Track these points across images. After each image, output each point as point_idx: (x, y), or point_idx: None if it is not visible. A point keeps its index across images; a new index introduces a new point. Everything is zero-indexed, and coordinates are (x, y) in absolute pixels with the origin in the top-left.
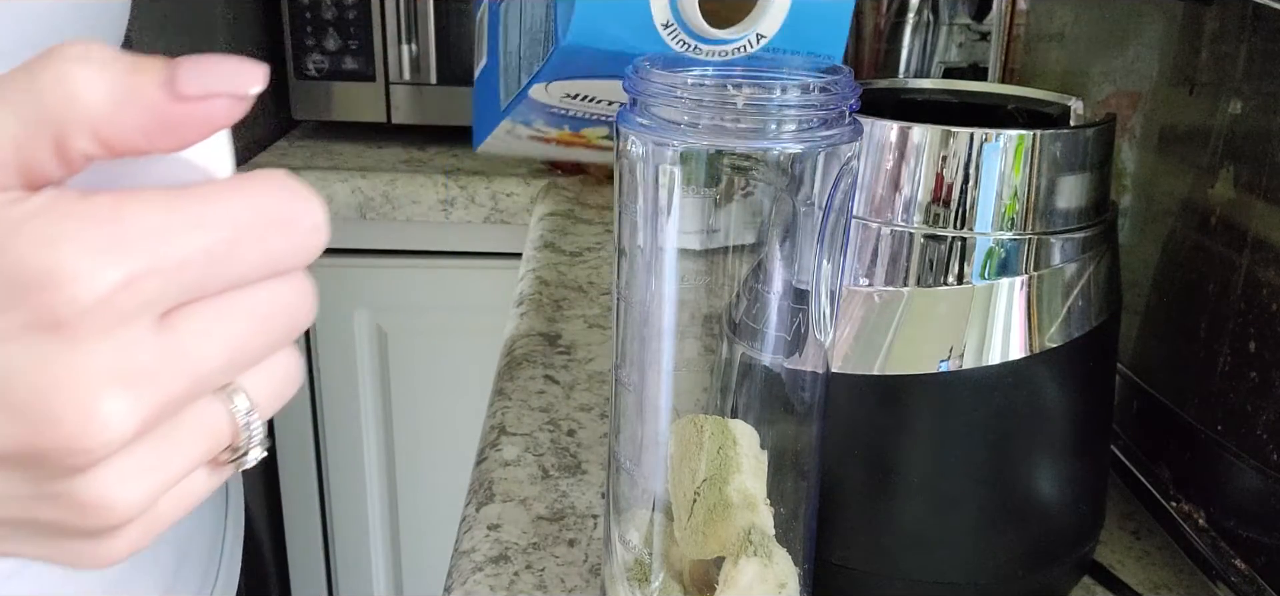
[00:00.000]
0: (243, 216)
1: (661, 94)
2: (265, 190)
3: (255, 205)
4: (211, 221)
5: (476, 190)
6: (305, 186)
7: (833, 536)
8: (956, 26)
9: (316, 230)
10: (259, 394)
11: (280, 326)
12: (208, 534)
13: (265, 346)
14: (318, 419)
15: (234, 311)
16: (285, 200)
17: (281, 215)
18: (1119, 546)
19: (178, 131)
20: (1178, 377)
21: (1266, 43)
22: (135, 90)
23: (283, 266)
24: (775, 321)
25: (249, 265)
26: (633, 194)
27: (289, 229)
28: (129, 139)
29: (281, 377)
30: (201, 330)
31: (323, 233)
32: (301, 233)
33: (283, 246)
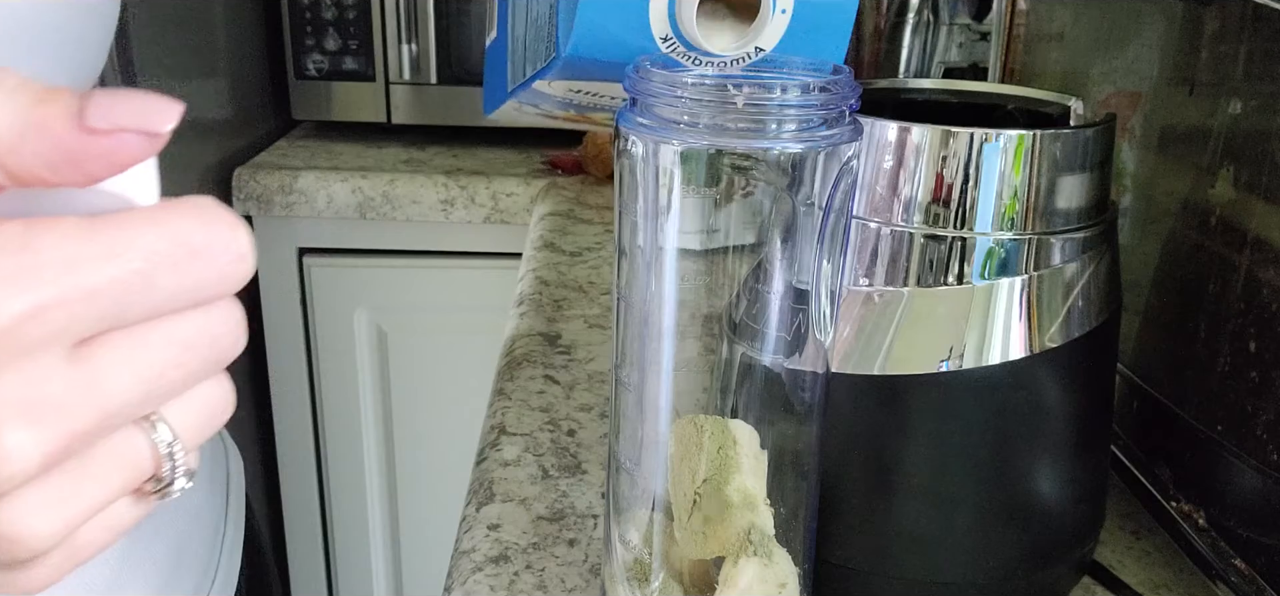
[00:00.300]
0: (159, 246)
1: (661, 94)
2: (185, 219)
3: (174, 234)
4: (125, 251)
5: (476, 190)
6: (230, 214)
7: (833, 536)
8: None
9: (241, 259)
10: (183, 424)
11: (203, 357)
12: (206, 533)
13: (187, 377)
14: (318, 419)
15: (151, 342)
16: (207, 229)
17: (202, 244)
18: (1119, 546)
19: (84, 166)
20: (1178, 377)
21: (1266, 43)
22: (41, 122)
23: (205, 296)
24: (775, 321)
25: (166, 295)
26: (633, 194)
27: (211, 258)
28: (32, 170)
29: (209, 408)
30: (115, 361)
31: (248, 262)
32: (224, 262)
33: (204, 276)
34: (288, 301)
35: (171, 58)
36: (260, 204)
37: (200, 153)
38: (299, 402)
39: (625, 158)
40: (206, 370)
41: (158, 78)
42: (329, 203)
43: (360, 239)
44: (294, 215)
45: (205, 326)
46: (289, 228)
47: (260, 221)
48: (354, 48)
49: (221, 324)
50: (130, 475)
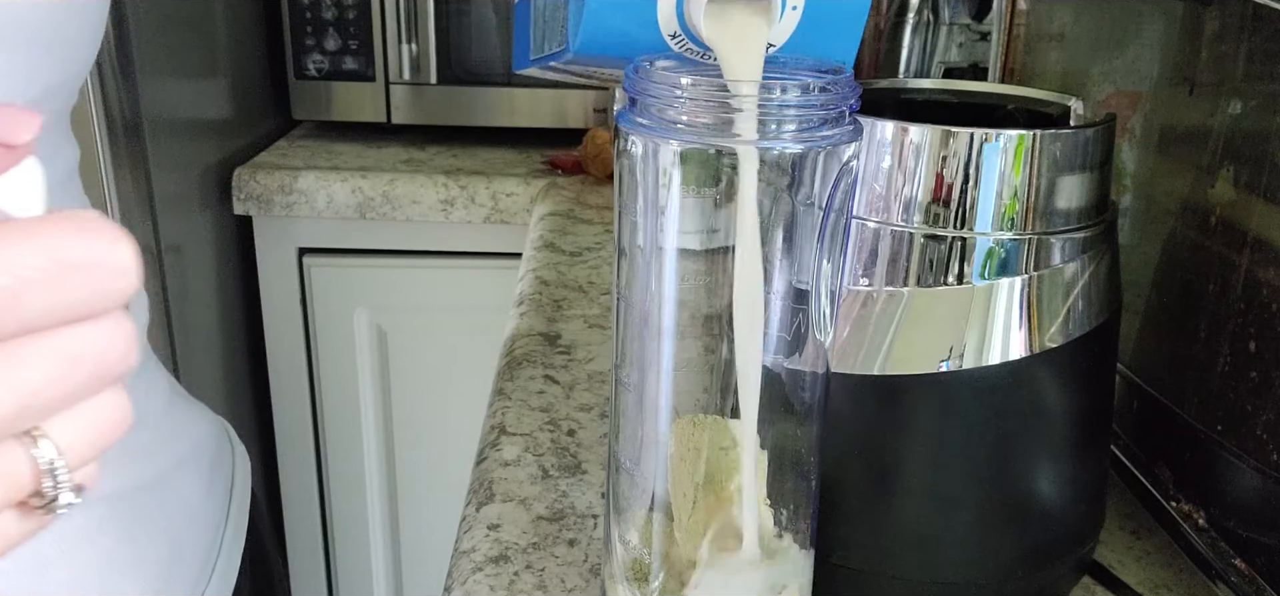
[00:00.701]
0: (29, 260)
1: (661, 94)
2: (60, 233)
3: (46, 249)
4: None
5: (476, 190)
6: (111, 228)
7: (833, 536)
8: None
9: (121, 274)
10: (69, 439)
11: (89, 372)
12: (204, 534)
13: (70, 392)
14: (318, 419)
15: (26, 358)
16: (84, 243)
17: (78, 259)
18: (1119, 546)
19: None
20: (1178, 377)
21: (1266, 43)
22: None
23: (85, 310)
24: (775, 321)
25: (38, 311)
26: (633, 194)
27: (88, 273)
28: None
29: (99, 423)
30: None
31: (130, 275)
32: (103, 277)
33: (81, 292)
34: (288, 301)
35: (171, 57)
36: (260, 204)
37: (200, 153)
38: (299, 403)
39: (625, 158)
40: (93, 385)
41: (158, 77)
42: (329, 203)
43: (360, 239)
44: (294, 215)
45: (90, 341)
46: (289, 228)
47: (260, 221)
48: (354, 48)
49: (107, 339)
50: (7, 489)
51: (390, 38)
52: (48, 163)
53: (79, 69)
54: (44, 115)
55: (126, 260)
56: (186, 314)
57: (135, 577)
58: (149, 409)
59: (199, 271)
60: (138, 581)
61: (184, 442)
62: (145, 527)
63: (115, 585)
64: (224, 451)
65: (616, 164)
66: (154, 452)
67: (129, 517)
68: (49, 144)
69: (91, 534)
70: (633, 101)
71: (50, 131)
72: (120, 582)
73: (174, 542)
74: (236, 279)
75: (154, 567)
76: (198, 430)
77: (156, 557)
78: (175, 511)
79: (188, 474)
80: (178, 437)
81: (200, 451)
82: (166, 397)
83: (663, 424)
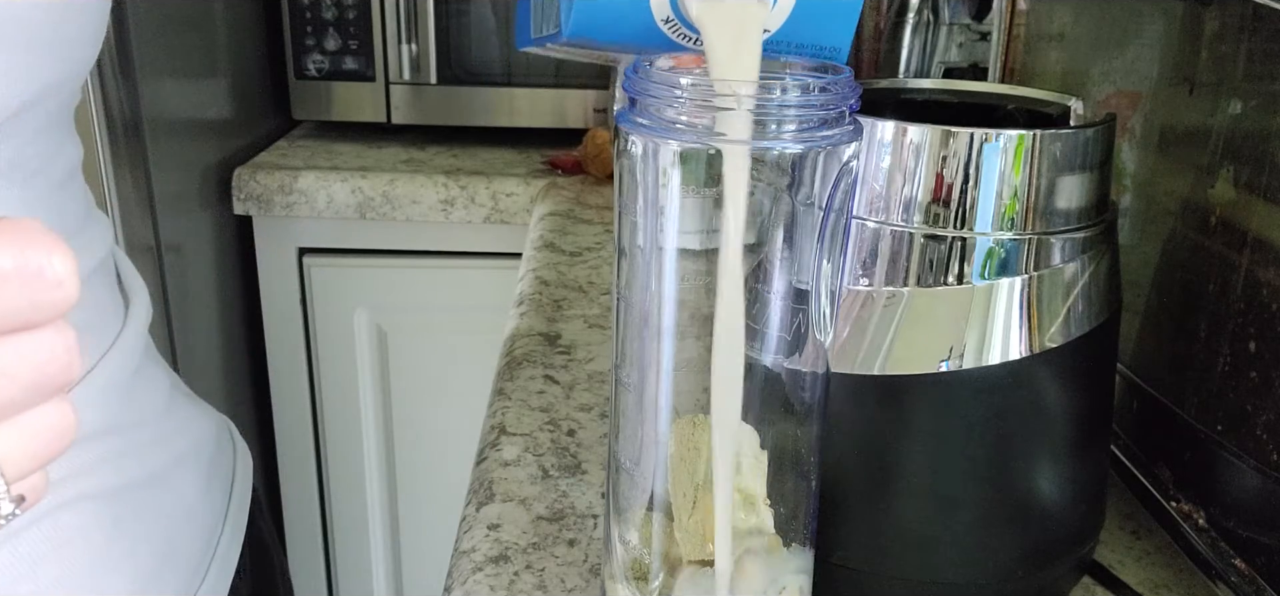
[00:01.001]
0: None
1: (661, 94)
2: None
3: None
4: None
5: (476, 190)
6: (47, 238)
7: (833, 536)
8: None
9: (57, 285)
10: (6, 450)
11: (26, 383)
12: (198, 534)
13: (7, 404)
14: (318, 419)
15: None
16: (17, 254)
17: (11, 270)
18: (1119, 546)
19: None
20: (1178, 377)
21: (1266, 43)
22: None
23: (19, 322)
24: (775, 321)
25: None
26: (633, 194)
27: (21, 285)
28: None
29: (40, 434)
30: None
31: (66, 287)
32: (38, 288)
33: (14, 303)
34: (288, 301)
35: (172, 57)
36: (260, 204)
37: (200, 153)
38: (299, 402)
39: (625, 158)
40: (32, 397)
41: (158, 77)
42: (329, 203)
43: (360, 239)
44: (294, 215)
45: (27, 353)
46: (289, 227)
47: (260, 221)
48: (354, 48)
49: (46, 350)
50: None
51: (390, 38)
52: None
53: (80, 68)
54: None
55: (63, 271)
56: (186, 314)
57: (127, 573)
58: (148, 407)
59: (199, 271)
60: (129, 577)
61: (182, 441)
62: (139, 525)
63: (106, 581)
64: (224, 450)
65: (616, 164)
66: (151, 450)
67: (123, 514)
68: (50, 143)
69: (85, 530)
70: (632, 101)
71: (52, 130)
72: (111, 578)
73: (168, 540)
74: (236, 279)
75: (146, 564)
76: (197, 429)
77: (149, 554)
78: (171, 509)
79: (185, 472)
80: (176, 436)
81: (199, 450)
82: (166, 396)
83: (663, 424)
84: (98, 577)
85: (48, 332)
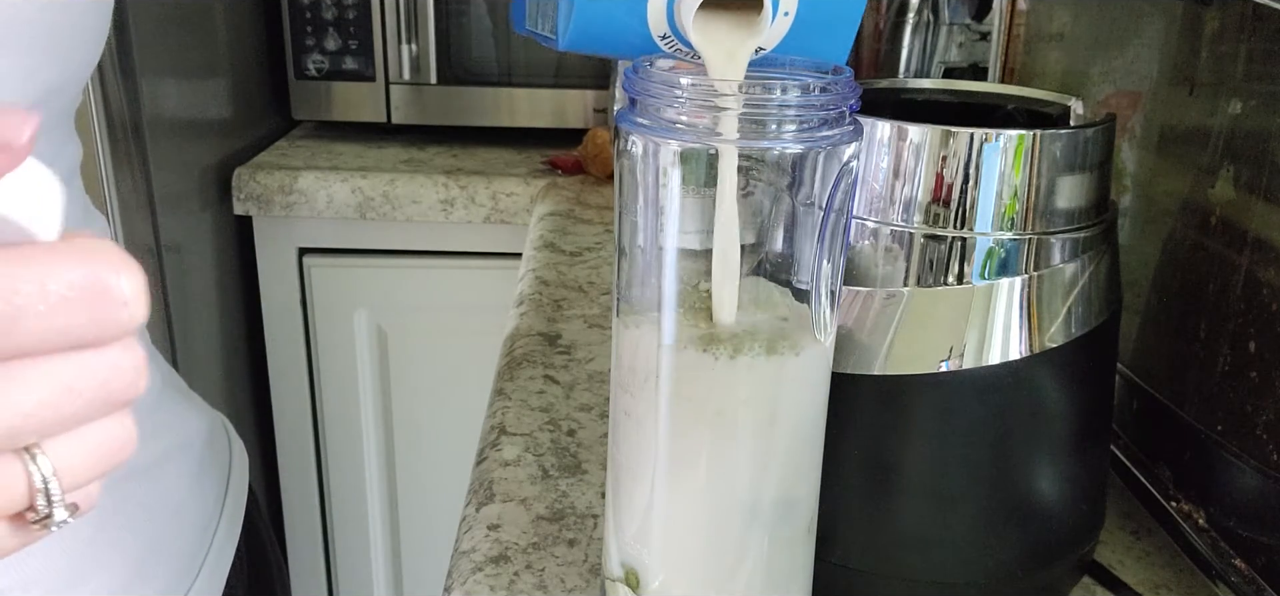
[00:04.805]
0: (24, 287)
1: (661, 94)
2: (65, 261)
3: (50, 276)
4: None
5: (476, 190)
6: (118, 257)
7: (833, 536)
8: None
9: (124, 305)
10: (68, 460)
11: (91, 398)
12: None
13: (68, 417)
14: (318, 419)
15: (24, 380)
16: (89, 271)
17: (83, 286)
18: (1119, 546)
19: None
20: (1178, 377)
21: (1266, 43)
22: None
23: (89, 338)
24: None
25: (38, 336)
26: (633, 194)
27: (93, 302)
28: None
29: (100, 446)
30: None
31: (133, 307)
32: (103, 308)
33: (85, 318)
34: (288, 301)
35: (172, 57)
36: (260, 204)
37: (200, 153)
38: (299, 403)
39: (625, 158)
40: (96, 410)
41: (158, 77)
42: (329, 203)
43: (360, 239)
44: (294, 215)
45: (94, 368)
46: (289, 228)
47: (260, 221)
48: (354, 48)
49: (111, 367)
50: (1, 503)
51: (390, 38)
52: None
53: (81, 69)
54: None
55: (130, 292)
56: (186, 313)
57: (113, 566)
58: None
59: (199, 271)
60: (115, 570)
61: (171, 436)
62: (125, 517)
63: (92, 573)
64: (218, 446)
65: (616, 164)
66: (138, 444)
67: (108, 506)
68: (52, 143)
69: (72, 526)
70: (632, 101)
71: (53, 130)
72: (97, 570)
73: (154, 535)
74: (236, 278)
75: (133, 557)
76: (188, 424)
77: (136, 547)
78: (157, 504)
79: (174, 466)
80: (164, 430)
81: (189, 445)
82: (157, 391)
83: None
84: (83, 569)
85: (115, 350)
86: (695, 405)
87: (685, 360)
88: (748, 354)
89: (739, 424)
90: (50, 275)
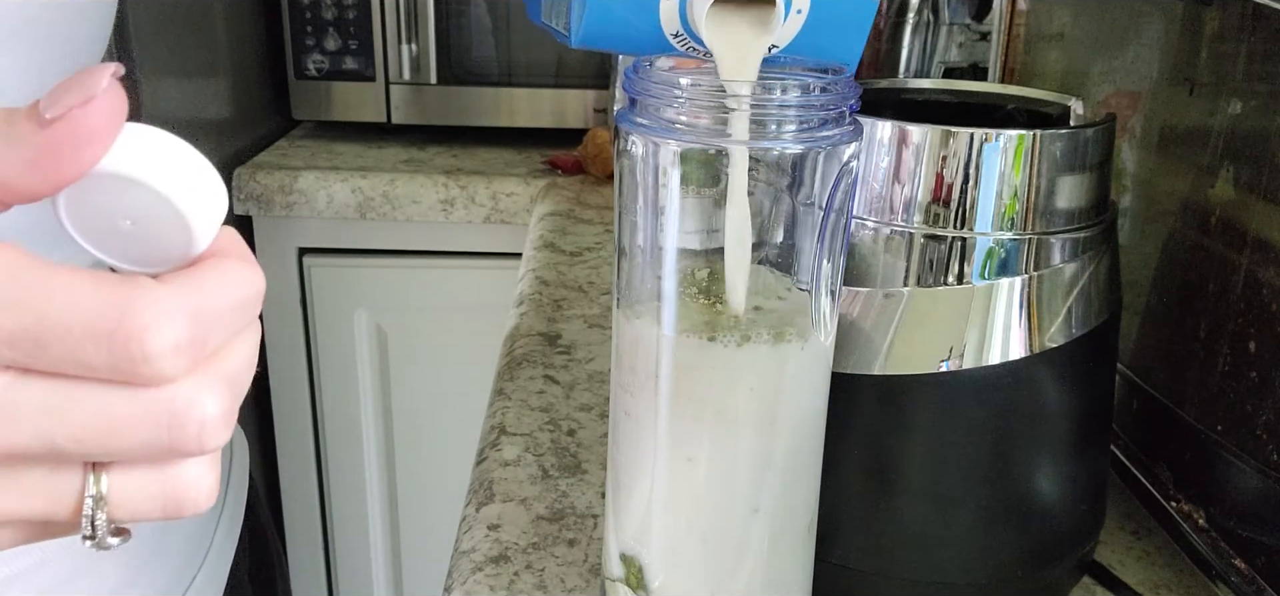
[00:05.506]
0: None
1: (661, 94)
2: (95, 299)
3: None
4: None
5: (476, 190)
6: (158, 313)
7: (833, 536)
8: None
9: (148, 361)
10: (122, 493)
11: (146, 438)
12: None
13: (124, 449)
14: (318, 419)
15: (75, 397)
16: (119, 320)
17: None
18: (1119, 546)
19: (58, 154)
20: (1178, 377)
21: (1266, 43)
22: (11, 132)
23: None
24: None
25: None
26: (633, 194)
27: (116, 350)
28: (20, 174)
29: (157, 496)
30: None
31: (158, 365)
32: (130, 360)
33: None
34: (288, 301)
35: (172, 57)
36: (260, 204)
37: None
38: (299, 402)
39: (625, 158)
40: (156, 452)
41: (158, 77)
42: (329, 203)
43: (360, 239)
44: (294, 215)
45: (151, 411)
46: (289, 228)
47: (260, 221)
48: (354, 48)
49: (170, 416)
50: (45, 506)
51: (390, 38)
52: None
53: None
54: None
55: (155, 350)
56: None
57: (118, 557)
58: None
59: None
60: (121, 561)
61: None
62: None
63: (101, 559)
64: None
65: (616, 164)
66: None
67: None
68: None
69: None
70: (633, 101)
71: None
72: (103, 561)
73: (159, 526)
74: None
75: (139, 549)
76: None
77: (144, 534)
78: None
79: None
80: None
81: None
82: None
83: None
84: (94, 555)
85: (181, 396)
86: (696, 404)
87: (689, 350)
88: (755, 341)
89: (739, 423)
90: (72, 307)
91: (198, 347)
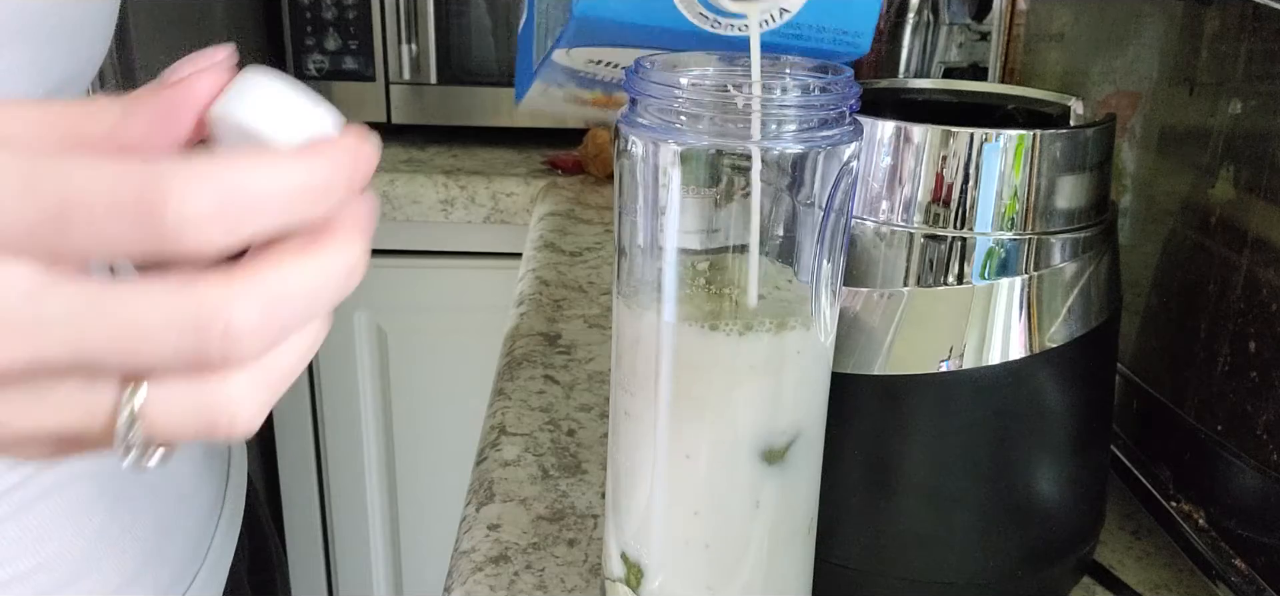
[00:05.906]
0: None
1: (661, 94)
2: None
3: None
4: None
5: (476, 190)
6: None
7: (833, 536)
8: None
9: (178, 227)
10: (158, 408)
11: (177, 344)
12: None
13: (152, 356)
14: (318, 419)
15: (104, 304)
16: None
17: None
18: (1119, 546)
19: (176, 110)
20: (1178, 377)
21: (1266, 43)
22: (136, 96)
23: (141, 254)
24: None
25: (95, 241)
26: (633, 194)
27: (142, 220)
28: (150, 127)
29: (196, 413)
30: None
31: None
32: (155, 226)
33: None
34: None
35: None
36: None
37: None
38: (299, 402)
39: (625, 158)
40: (184, 361)
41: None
42: None
43: None
44: None
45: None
46: None
47: None
48: (354, 48)
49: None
50: (80, 419)
51: (390, 38)
52: None
53: (90, 64)
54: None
55: (192, 213)
56: None
57: (126, 550)
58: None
59: None
60: (128, 555)
61: None
62: (136, 504)
63: (105, 557)
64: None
65: (616, 164)
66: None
67: (122, 492)
68: None
69: (88, 505)
70: (633, 101)
71: None
72: (110, 555)
73: (162, 522)
74: None
75: (144, 543)
76: None
77: (147, 533)
78: (165, 490)
79: (180, 452)
80: None
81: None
82: None
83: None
84: (98, 553)
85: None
86: (696, 400)
87: (692, 340)
88: (758, 329)
89: (740, 419)
90: (95, 181)
91: (231, 222)
